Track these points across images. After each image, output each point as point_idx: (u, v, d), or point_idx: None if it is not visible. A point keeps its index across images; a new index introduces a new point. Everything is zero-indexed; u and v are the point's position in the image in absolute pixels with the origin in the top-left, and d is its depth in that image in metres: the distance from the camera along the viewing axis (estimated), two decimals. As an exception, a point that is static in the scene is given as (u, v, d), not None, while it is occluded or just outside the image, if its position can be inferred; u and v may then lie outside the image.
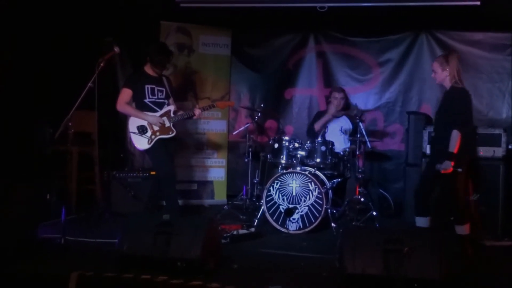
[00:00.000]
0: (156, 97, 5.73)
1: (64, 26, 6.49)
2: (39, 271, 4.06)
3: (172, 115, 5.75)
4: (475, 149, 5.65)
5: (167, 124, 5.71)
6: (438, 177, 4.84)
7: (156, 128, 5.65)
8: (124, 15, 6.85)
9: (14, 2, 5.84)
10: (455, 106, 4.77)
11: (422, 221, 4.98)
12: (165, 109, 5.76)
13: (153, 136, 5.62)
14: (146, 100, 5.68)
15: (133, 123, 5.64)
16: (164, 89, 5.79)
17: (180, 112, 5.85)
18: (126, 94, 5.67)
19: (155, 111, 5.71)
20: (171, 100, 5.87)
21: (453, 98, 4.81)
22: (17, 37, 6.06)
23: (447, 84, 4.87)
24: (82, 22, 6.60)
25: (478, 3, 5.61)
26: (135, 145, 5.67)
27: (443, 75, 4.86)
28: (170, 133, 5.71)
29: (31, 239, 4.65)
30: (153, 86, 5.74)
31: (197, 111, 5.84)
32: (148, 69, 5.77)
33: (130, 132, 5.64)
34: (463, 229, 4.78)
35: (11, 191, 4.74)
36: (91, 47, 6.46)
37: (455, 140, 4.63)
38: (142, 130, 5.62)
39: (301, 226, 5.66)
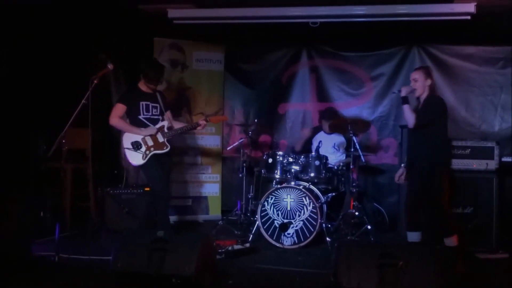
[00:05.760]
0: (150, 113, 5.74)
1: (57, 42, 6.51)
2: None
3: (166, 130, 5.75)
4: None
5: (161, 139, 5.71)
6: (423, 189, 4.88)
7: (150, 143, 5.64)
8: (118, 32, 6.88)
9: (8, 19, 5.85)
10: (428, 107, 4.91)
11: (413, 236, 4.99)
12: (159, 124, 5.76)
13: (147, 152, 5.61)
14: (141, 117, 5.69)
15: (127, 139, 5.63)
16: (158, 105, 5.80)
17: (177, 126, 5.86)
18: (119, 109, 5.67)
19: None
20: (168, 114, 5.88)
21: (430, 102, 4.94)
22: (11, 53, 6.08)
23: (426, 93, 4.98)
24: (76, 38, 6.62)
25: (469, 17, 5.67)
26: (130, 161, 5.64)
27: (426, 84, 4.96)
28: (165, 148, 5.70)
29: (24, 256, 4.62)
30: (148, 102, 5.74)
31: (202, 122, 5.85)
32: (142, 86, 5.78)
33: (124, 148, 5.62)
34: (451, 241, 4.80)
35: (4, 208, 4.73)
36: (85, 63, 6.47)
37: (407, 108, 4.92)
38: (136, 146, 5.60)
39: (296, 241, 5.66)
